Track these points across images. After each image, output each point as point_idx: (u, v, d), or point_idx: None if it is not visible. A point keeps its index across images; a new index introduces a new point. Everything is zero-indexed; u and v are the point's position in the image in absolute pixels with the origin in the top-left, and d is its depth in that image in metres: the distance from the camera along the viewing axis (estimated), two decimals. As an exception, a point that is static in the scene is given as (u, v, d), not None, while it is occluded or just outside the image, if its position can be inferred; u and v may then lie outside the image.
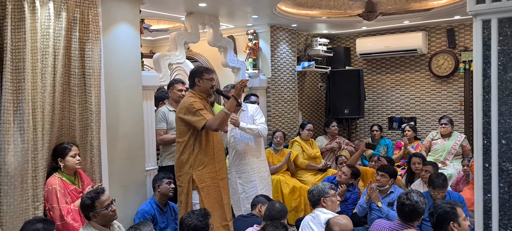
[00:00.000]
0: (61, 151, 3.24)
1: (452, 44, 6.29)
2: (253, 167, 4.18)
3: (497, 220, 1.67)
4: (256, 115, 4.25)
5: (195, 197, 3.44)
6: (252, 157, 4.19)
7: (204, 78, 3.48)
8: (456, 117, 6.31)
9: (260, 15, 5.26)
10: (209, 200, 3.45)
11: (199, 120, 3.33)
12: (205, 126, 3.34)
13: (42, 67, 3.11)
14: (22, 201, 3.01)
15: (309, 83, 7.03)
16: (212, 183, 3.49)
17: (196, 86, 3.50)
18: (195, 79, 3.49)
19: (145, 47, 6.90)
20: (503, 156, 1.64)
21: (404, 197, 3.01)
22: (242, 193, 4.14)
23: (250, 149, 4.20)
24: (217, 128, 3.39)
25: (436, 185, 3.78)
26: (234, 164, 4.23)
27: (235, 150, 4.19)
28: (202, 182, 3.44)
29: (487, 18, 1.65)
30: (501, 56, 1.62)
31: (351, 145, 6.06)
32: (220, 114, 3.39)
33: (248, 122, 4.17)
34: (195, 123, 3.34)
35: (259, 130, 4.14)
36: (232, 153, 4.25)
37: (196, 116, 3.33)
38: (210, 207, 3.40)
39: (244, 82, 3.54)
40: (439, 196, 3.76)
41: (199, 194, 3.42)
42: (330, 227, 2.71)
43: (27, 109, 3.00)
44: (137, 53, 3.99)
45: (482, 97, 1.67)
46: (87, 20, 3.38)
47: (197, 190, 3.42)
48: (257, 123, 4.19)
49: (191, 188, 3.43)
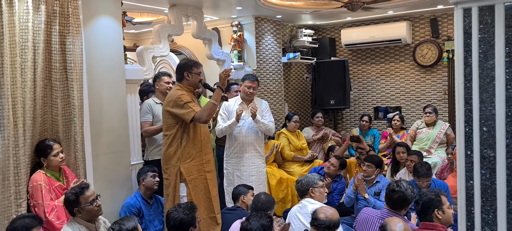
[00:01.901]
0: (43, 151, 3.19)
1: (435, 34, 6.34)
2: (254, 161, 4.24)
3: (479, 206, 1.69)
4: (266, 112, 4.30)
5: (182, 189, 3.44)
6: (255, 151, 4.25)
7: (193, 73, 3.49)
8: (440, 105, 6.39)
9: (244, 6, 5.22)
10: (196, 193, 3.46)
11: (187, 112, 3.33)
12: (194, 118, 3.33)
13: (21, 62, 3.05)
14: (4, 198, 2.96)
15: (294, 74, 7.03)
16: (199, 175, 3.49)
17: (184, 80, 3.49)
18: (184, 73, 3.47)
19: (129, 41, 6.82)
20: (484, 143, 1.66)
21: (394, 184, 3.06)
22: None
23: (252, 143, 4.24)
24: (206, 119, 3.40)
25: (420, 174, 3.84)
26: (234, 156, 4.23)
27: (238, 141, 4.19)
28: (190, 174, 3.44)
29: (468, 6, 1.66)
30: (482, 44, 1.63)
31: (338, 136, 6.09)
32: (207, 106, 3.40)
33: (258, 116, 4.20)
34: (184, 116, 3.34)
35: (270, 127, 4.19)
36: (233, 144, 4.24)
37: (184, 109, 3.33)
38: (198, 199, 3.41)
39: (227, 71, 3.55)
40: (424, 184, 3.82)
41: (187, 187, 3.43)
42: (316, 215, 2.74)
43: (7, 105, 2.94)
44: (119, 46, 3.94)
45: (463, 85, 1.68)
46: (67, 13, 3.31)
47: (185, 183, 3.42)
48: (268, 120, 4.22)
49: (179, 181, 3.43)
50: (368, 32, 6.59)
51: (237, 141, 4.22)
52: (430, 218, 2.74)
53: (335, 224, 2.71)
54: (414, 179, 3.94)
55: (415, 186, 3.86)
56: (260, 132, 4.28)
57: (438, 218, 2.73)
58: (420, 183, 3.84)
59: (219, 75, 3.56)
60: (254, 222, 2.64)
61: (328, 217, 2.71)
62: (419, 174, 3.85)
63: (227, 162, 4.30)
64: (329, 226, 2.68)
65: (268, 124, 4.23)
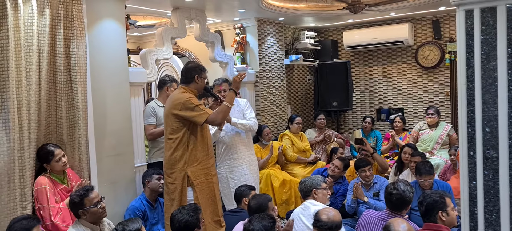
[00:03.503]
0: (45, 157, 3.19)
1: (437, 35, 6.35)
2: (244, 160, 4.22)
3: (482, 207, 1.70)
4: (246, 109, 4.28)
5: (189, 194, 3.41)
6: (243, 150, 4.23)
7: (202, 77, 3.46)
8: (442, 107, 6.39)
9: (247, 9, 5.24)
10: (203, 197, 3.42)
11: (200, 114, 3.28)
12: (207, 121, 3.30)
13: (26, 65, 3.07)
14: (10, 200, 2.98)
15: (297, 76, 7.04)
16: (206, 179, 3.45)
17: (193, 83, 3.42)
18: (195, 76, 3.41)
19: (132, 43, 6.85)
20: (487, 144, 1.66)
21: (391, 186, 3.06)
22: (233, 187, 4.14)
23: (241, 142, 4.23)
24: (221, 121, 3.38)
25: (422, 172, 3.86)
26: (224, 158, 4.23)
27: (226, 144, 4.20)
28: (197, 178, 3.39)
29: (470, 8, 1.66)
30: (484, 45, 1.64)
31: (340, 137, 6.10)
32: (222, 108, 3.39)
33: (239, 116, 4.20)
34: (195, 118, 3.29)
35: (250, 125, 4.19)
36: (222, 147, 4.25)
37: (195, 111, 3.28)
38: (204, 203, 3.38)
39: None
40: (426, 183, 3.83)
41: (194, 191, 3.38)
42: (318, 216, 2.75)
43: (12, 108, 2.96)
44: (123, 49, 3.96)
45: (466, 86, 1.69)
46: (71, 17, 3.34)
47: (192, 187, 3.38)
48: (248, 117, 4.22)
49: (186, 185, 3.38)
50: (370, 34, 6.60)
51: (225, 144, 4.22)
52: (434, 219, 2.74)
53: (337, 226, 2.71)
54: (416, 179, 3.95)
55: (418, 186, 3.87)
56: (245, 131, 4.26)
57: (442, 219, 2.72)
58: (422, 182, 3.85)
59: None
60: (256, 223, 2.64)
61: (331, 219, 2.71)
62: (421, 171, 3.87)
63: (219, 166, 4.29)
64: (331, 227, 2.69)
65: (249, 121, 4.19)
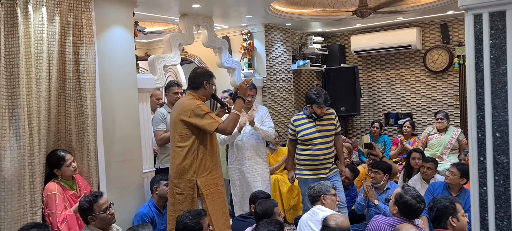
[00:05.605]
0: (55, 163, 3.22)
1: (446, 39, 6.31)
2: (257, 167, 4.25)
3: (493, 213, 1.68)
4: (265, 118, 4.32)
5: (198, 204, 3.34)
6: (257, 157, 4.25)
7: (211, 83, 3.39)
8: (451, 111, 6.34)
9: (254, 14, 5.26)
10: (214, 208, 3.30)
11: (210, 123, 3.19)
12: (217, 129, 3.21)
13: (36, 72, 3.11)
14: (20, 206, 3.01)
15: (304, 81, 7.04)
16: (216, 190, 3.35)
17: (201, 89, 3.34)
18: (204, 82, 3.33)
19: (140, 50, 6.89)
20: (497, 149, 1.64)
21: (399, 195, 2.99)
22: (246, 192, 4.17)
23: (256, 150, 4.25)
24: (231, 130, 3.29)
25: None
26: (237, 163, 4.25)
27: (241, 149, 4.22)
28: (207, 188, 3.29)
29: (479, 12, 1.65)
30: (493, 50, 1.63)
31: (349, 142, 6.08)
32: (231, 117, 3.30)
33: (257, 122, 4.22)
34: (205, 126, 3.19)
35: (270, 133, 4.24)
36: (235, 152, 4.26)
37: (205, 119, 3.19)
38: (216, 214, 3.30)
39: (248, 81, 3.52)
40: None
41: (204, 202, 3.27)
42: (326, 222, 2.72)
43: (23, 115, 2.99)
44: (131, 56, 3.99)
45: (475, 91, 1.68)
46: (80, 24, 3.38)
47: (202, 197, 3.28)
48: (267, 126, 4.24)
49: (196, 195, 3.28)
50: (378, 39, 6.58)
51: (239, 148, 4.24)
52: (444, 225, 2.71)
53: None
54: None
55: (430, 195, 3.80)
56: (261, 138, 4.30)
57: (452, 225, 2.69)
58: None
59: (240, 86, 3.47)
60: (263, 229, 2.63)
61: (339, 224, 2.69)
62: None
63: (231, 170, 4.31)
64: (339, 233, 2.67)
65: (268, 129, 4.24)
